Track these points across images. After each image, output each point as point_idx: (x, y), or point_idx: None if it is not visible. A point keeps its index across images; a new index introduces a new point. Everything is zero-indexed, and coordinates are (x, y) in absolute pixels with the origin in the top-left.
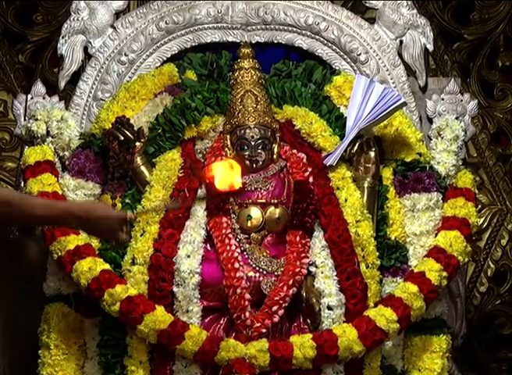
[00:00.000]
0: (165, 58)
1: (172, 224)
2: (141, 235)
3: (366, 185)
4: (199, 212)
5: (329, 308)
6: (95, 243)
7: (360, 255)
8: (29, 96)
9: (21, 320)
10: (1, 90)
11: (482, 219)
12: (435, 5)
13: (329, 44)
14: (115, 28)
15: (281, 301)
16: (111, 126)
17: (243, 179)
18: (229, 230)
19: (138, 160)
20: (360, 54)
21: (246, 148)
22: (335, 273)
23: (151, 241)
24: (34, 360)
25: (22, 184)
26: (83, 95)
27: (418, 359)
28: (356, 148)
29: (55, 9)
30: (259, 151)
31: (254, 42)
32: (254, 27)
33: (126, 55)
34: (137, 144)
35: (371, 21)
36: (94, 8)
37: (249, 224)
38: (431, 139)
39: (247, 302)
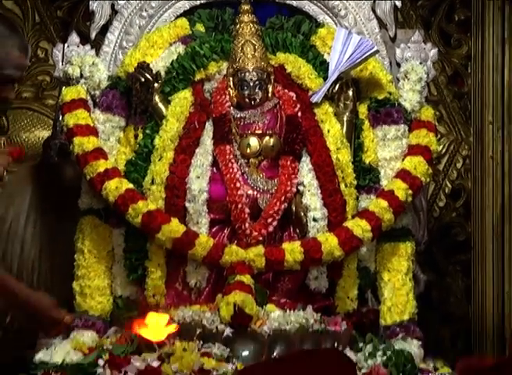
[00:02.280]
0: (178, 14)
1: (184, 151)
2: (159, 160)
3: (345, 119)
4: (207, 140)
5: (314, 220)
6: (121, 167)
7: (340, 176)
8: (65, 45)
9: (59, 231)
10: (42, 40)
11: (441, 147)
12: None
13: (315, 2)
14: None
15: (275, 214)
16: (134, 70)
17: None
18: (231, 156)
19: (156, 98)
20: (340, 10)
21: (246, 88)
22: (319, 191)
23: (167, 165)
24: (70, 264)
25: (60, 118)
26: (111, 44)
27: (388, 262)
28: (337, 87)
29: None
30: (256, 90)
31: (252, 0)
32: None
33: (146, 10)
34: (155, 84)
35: None
36: None
37: (248, 151)
38: (399, 80)
39: (246, 215)
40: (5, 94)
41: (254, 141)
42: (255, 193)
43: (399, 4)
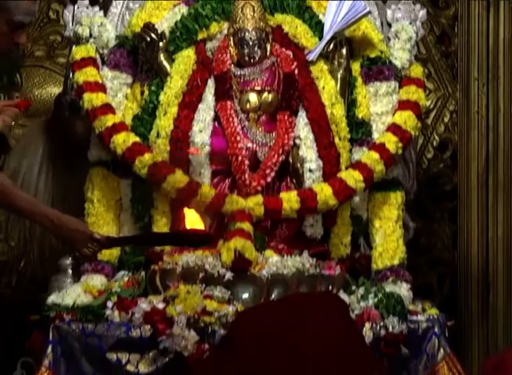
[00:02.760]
0: None
1: (187, 106)
2: (164, 115)
3: (339, 76)
4: (209, 97)
5: (310, 171)
6: (128, 121)
7: (335, 130)
8: (75, 6)
9: (70, 181)
10: (54, 2)
11: (429, 102)
12: None
13: None
14: None
15: (273, 166)
16: (140, 30)
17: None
18: (232, 111)
19: (161, 56)
20: None
21: (245, 47)
22: (315, 144)
23: (172, 120)
24: (81, 213)
25: (70, 75)
26: (118, 6)
27: (379, 210)
28: (331, 46)
29: None
30: (256, 49)
31: None
32: None
33: None
34: (160, 44)
35: None
36: None
37: (248, 106)
38: (390, 40)
39: (246, 167)
40: (18, 39)
41: (253, 97)
42: (254, 146)
43: None
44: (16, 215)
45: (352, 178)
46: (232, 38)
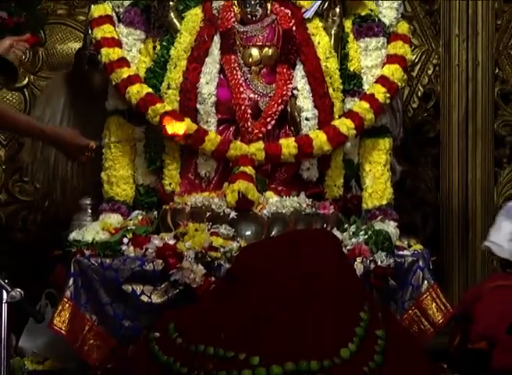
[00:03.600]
0: None
1: (195, 60)
2: (174, 68)
3: (333, 32)
4: (215, 51)
5: (307, 119)
6: (142, 74)
7: (329, 82)
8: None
9: (90, 128)
10: None
11: (415, 56)
12: None
13: None
14: None
15: (273, 115)
16: None
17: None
18: (236, 64)
19: (171, 14)
20: None
21: (248, 5)
22: (311, 95)
23: (181, 72)
24: (99, 157)
25: (89, 32)
26: None
27: (369, 155)
28: (326, 5)
29: None
30: (257, 8)
31: None
32: None
33: None
34: (171, 3)
35: None
36: None
37: (250, 60)
38: None
39: (248, 115)
40: None
41: (255, 52)
42: (256, 96)
43: None
44: (16, 134)
45: (344, 126)
46: None
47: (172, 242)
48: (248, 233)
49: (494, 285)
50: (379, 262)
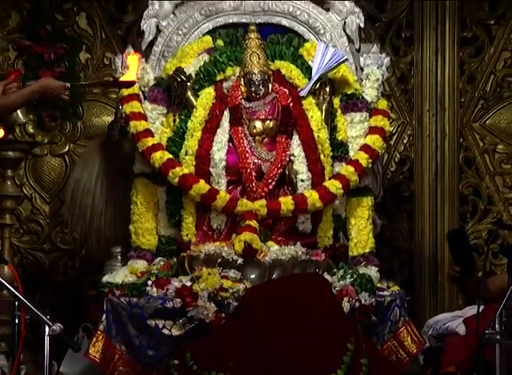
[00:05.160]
0: (204, 32)
1: (209, 131)
2: (191, 137)
3: (324, 108)
4: (225, 123)
5: (302, 180)
6: (163, 142)
7: (320, 149)
8: (123, 54)
9: (120, 188)
10: (108, 51)
11: (392, 128)
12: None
13: (302, 24)
14: (174, 14)
15: (273, 177)
16: (172, 72)
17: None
18: (243, 135)
19: (189, 93)
20: (320, 29)
21: (252, 85)
22: (305, 160)
23: (197, 141)
24: (127, 212)
25: (120, 107)
26: (156, 54)
27: (354, 211)
28: (318, 85)
29: (138, 2)
30: (260, 87)
31: (257, 22)
32: (257, 13)
33: (181, 30)
34: (188, 83)
35: (327, 9)
36: (162, 2)
37: (254, 131)
38: (362, 80)
39: (253, 177)
40: None
41: (258, 124)
42: (259, 161)
43: (362, 25)
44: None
45: (334, 186)
46: (242, 79)
47: (188, 284)
48: (253, 276)
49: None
50: (363, 301)
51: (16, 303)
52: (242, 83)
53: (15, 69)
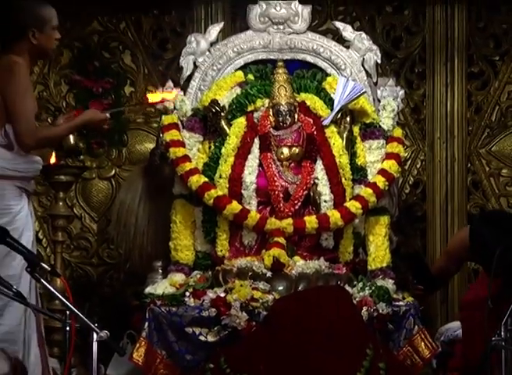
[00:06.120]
0: (237, 68)
1: (241, 156)
2: (224, 162)
3: (344, 136)
4: (255, 150)
5: (325, 201)
6: (200, 167)
7: (342, 173)
8: (164, 88)
9: (160, 208)
10: (150, 85)
11: (406, 154)
12: (381, 38)
13: (325, 60)
14: (210, 51)
15: (299, 198)
16: (208, 104)
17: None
18: (271, 160)
19: (222, 122)
20: (341, 65)
21: (280, 115)
22: (328, 183)
23: (230, 166)
24: (167, 230)
25: (161, 135)
26: (193, 87)
27: (373, 229)
28: (339, 115)
29: (177, 41)
30: (287, 117)
31: (284, 59)
32: (284, 51)
33: (216, 66)
34: (222, 114)
35: (348, 47)
36: (199, 40)
37: (282, 157)
38: (379, 111)
39: (281, 198)
40: (57, 36)
41: (285, 151)
42: (286, 184)
43: (379, 61)
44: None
45: (354, 206)
46: (271, 110)
47: (222, 295)
48: (280, 288)
49: None
50: (380, 311)
51: (67, 312)
52: (271, 113)
53: (77, 108)
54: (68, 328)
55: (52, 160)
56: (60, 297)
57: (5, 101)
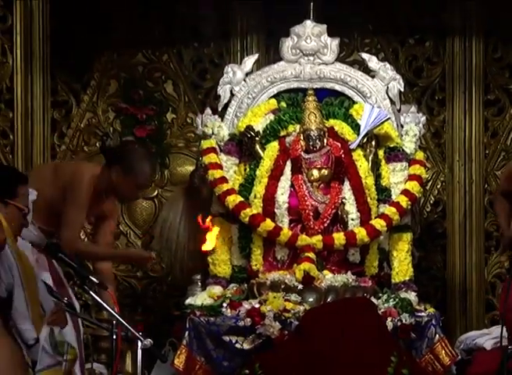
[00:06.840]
0: (270, 96)
1: (274, 178)
2: (259, 183)
3: (370, 158)
4: (287, 172)
5: (352, 219)
6: (236, 188)
7: (368, 193)
8: (203, 115)
9: (199, 227)
10: (190, 112)
11: (428, 175)
12: (404, 68)
13: (352, 88)
14: (245, 81)
15: (328, 216)
16: (244, 130)
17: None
18: (302, 181)
19: (257, 146)
20: (367, 93)
21: (310, 140)
22: (355, 202)
23: (264, 187)
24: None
25: (200, 159)
26: (230, 114)
27: (396, 245)
28: (365, 140)
29: (215, 71)
30: (317, 141)
31: (314, 87)
32: (314, 80)
33: (251, 94)
34: (257, 138)
35: (373, 77)
36: (235, 71)
37: (312, 178)
38: (402, 135)
39: (311, 217)
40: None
41: (315, 172)
42: (316, 203)
43: (402, 89)
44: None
45: (379, 224)
46: (302, 135)
47: (257, 306)
48: (311, 299)
49: None
50: (404, 321)
51: (114, 322)
52: (302, 138)
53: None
54: (114, 337)
55: None
56: (107, 308)
57: (59, 201)
